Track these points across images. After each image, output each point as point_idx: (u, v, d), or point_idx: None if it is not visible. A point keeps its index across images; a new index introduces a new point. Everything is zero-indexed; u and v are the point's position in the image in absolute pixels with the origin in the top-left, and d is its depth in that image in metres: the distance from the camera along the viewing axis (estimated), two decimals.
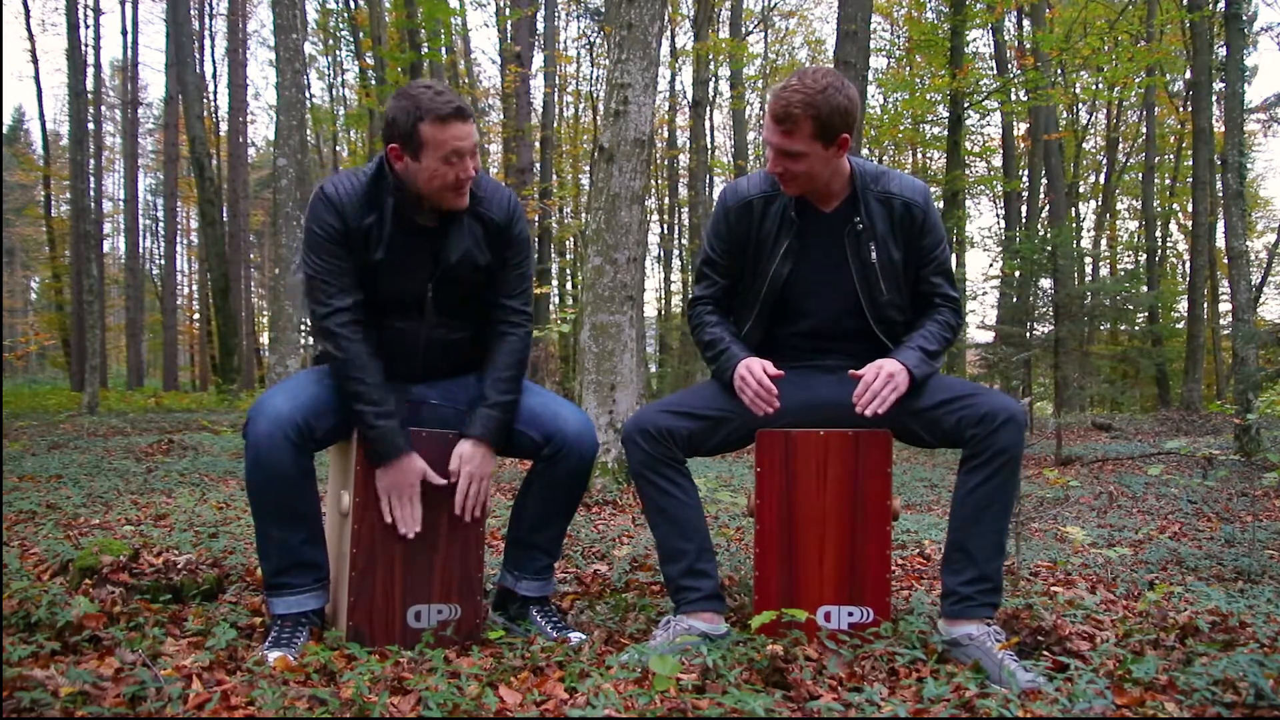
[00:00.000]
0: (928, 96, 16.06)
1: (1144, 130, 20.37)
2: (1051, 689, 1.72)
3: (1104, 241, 24.59)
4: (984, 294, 18.23)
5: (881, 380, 2.06)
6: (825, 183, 2.18)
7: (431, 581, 2.17)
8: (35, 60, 22.24)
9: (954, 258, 18.40)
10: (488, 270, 2.29)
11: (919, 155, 24.95)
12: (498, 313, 2.32)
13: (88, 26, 20.91)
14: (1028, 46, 16.45)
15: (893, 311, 2.26)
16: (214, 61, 26.53)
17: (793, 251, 2.23)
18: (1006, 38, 18.30)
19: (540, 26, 17.88)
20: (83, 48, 16.30)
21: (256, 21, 29.03)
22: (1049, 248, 8.53)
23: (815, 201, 2.23)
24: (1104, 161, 23.82)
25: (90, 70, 20.03)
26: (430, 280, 2.22)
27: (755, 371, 2.14)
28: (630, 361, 4.79)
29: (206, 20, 25.57)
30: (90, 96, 18.67)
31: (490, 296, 2.34)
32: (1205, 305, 17.04)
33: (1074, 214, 22.41)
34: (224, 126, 25.39)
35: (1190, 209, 17.93)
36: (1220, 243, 14.74)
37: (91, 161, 16.32)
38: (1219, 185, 12.97)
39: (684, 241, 25.92)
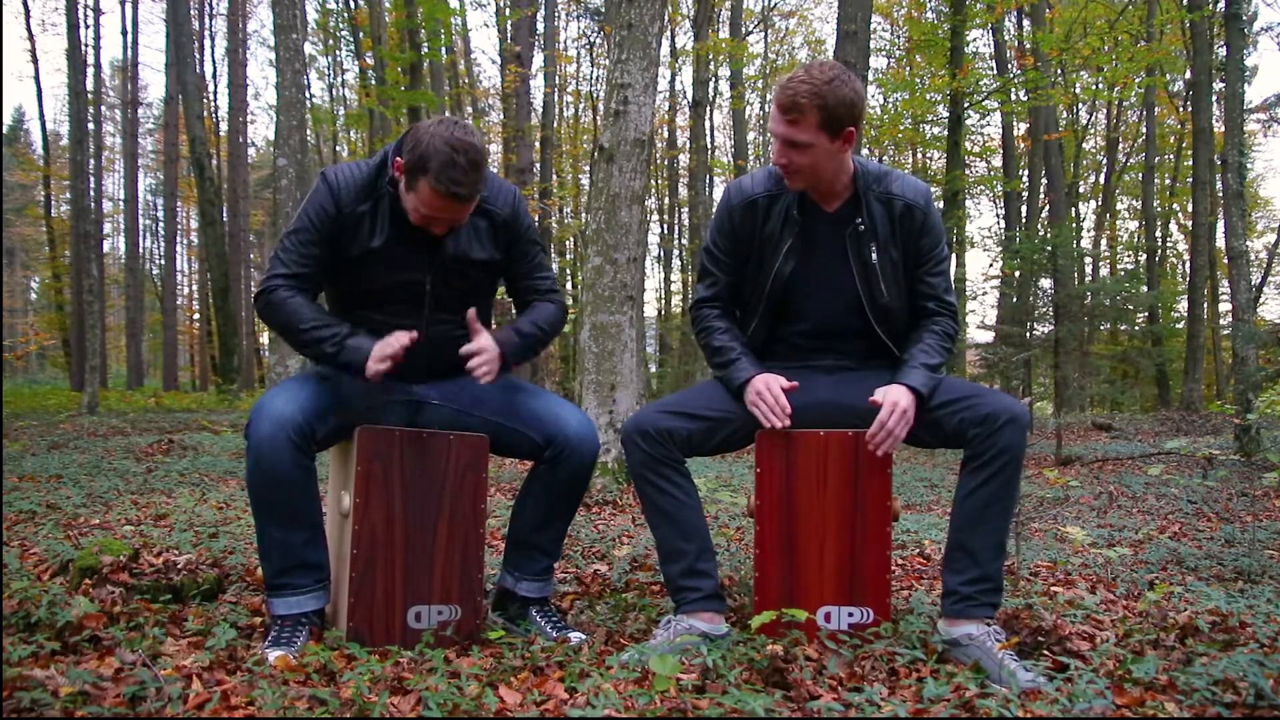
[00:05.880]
0: (928, 96, 16.03)
1: (1144, 130, 20.37)
2: (1051, 689, 1.72)
3: (1104, 241, 24.58)
4: (984, 294, 18.21)
5: (896, 418, 2.07)
6: (829, 179, 2.18)
7: (432, 582, 2.17)
8: (35, 60, 22.26)
9: (954, 258, 18.51)
10: (490, 266, 2.30)
11: (919, 155, 24.94)
12: (530, 297, 2.41)
13: (88, 26, 20.91)
14: (1028, 46, 16.44)
15: (893, 312, 2.26)
16: (214, 61, 26.57)
17: (795, 250, 2.23)
18: (1006, 38, 18.29)
19: (540, 26, 17.87)
20: (83, 48, 16.29)
21: (256, 21, 29.08)
22: (1049, 248, 8.53)
23: (818, 200, 2.23)
24: (1104, 161, 23.81)
25: (90, 70, 20.03)
26: (429, 273, 2.22)
27: (773, 389, 2.15)
28: (630, 361, 4.79)
29: (206, 20, 25.58)
30: (90, 96, 18.67)
31: (493, 291, 2.37)
32: (1205, 305, 17.04)
33: (1074, 214, 22.41)
34: (224, 126, 25.39)
35: (1190, 209, 17.94)
36: (1220, 243, 14.74)
37: (91, 161, 16.30)
38: (1219, 185, 12.98)
39: (684, 241, 25.91)
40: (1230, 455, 7.34)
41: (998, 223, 25.75)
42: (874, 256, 2.21)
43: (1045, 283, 8.80)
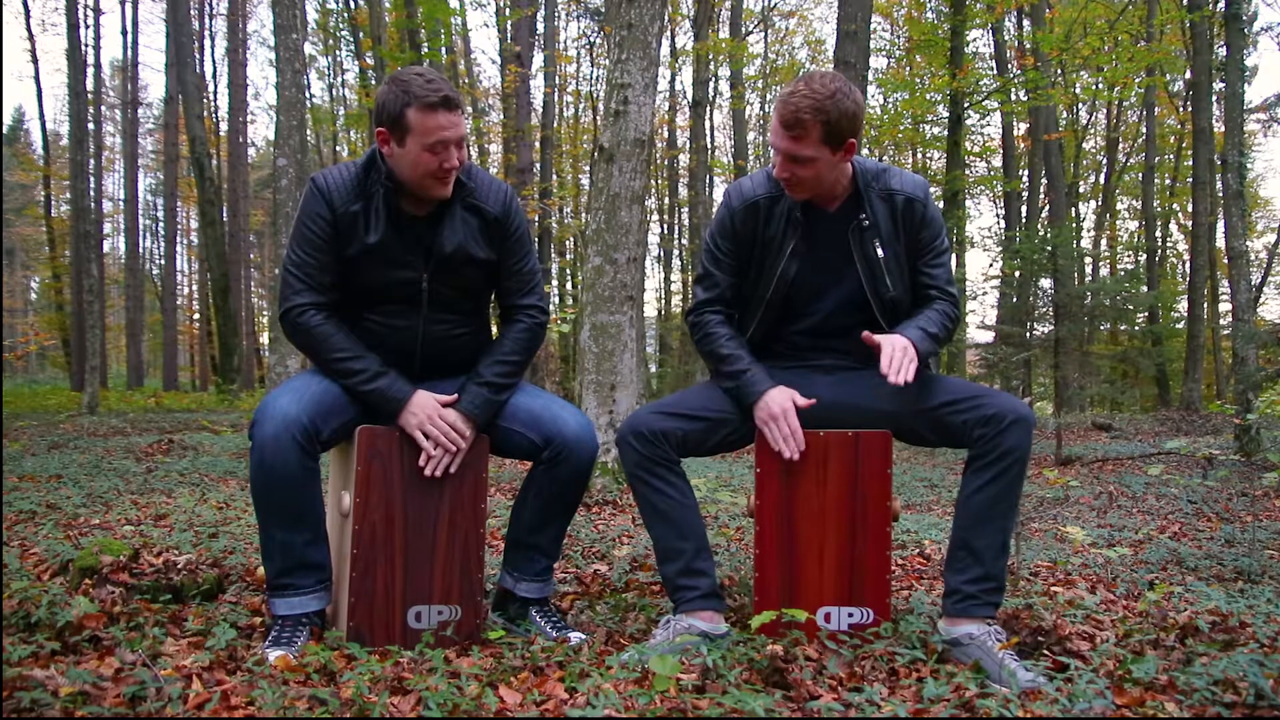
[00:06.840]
0: (928, 96, 16.03)
1: (1144, 130, 20.36)
2: (1051, 689, 1.72)
3: (1104, 241, 24.58)
4: (984, 294, 18.17)
5: (900, 352, 2.03)
6: (830, 187, 2.18)
7: (432, 582, 2.17)
8: (35, 60, 22.23)
9: (954, 258, 18.47)
10: (486, 265, 2.29)
11: (919, 155, 24.92)
12: (510, 311, 2.37)
13: (88, 26, 20.91)
14: (1028, 46, 16.44)
15: (899, 305, 2.26)
16: (214, 61, 26.55)
17: (798, 252, 2.23)
18: (1006, 38, 18.29)
19: (540, 26, 17.88)
20: (83, 48, 16.30)
21: (256, 21, 29.03)
22: (1049, 248, 8.52)
23: (819, 202, 2.23)
24: (1104, 161, 23.81)
25: (90, 70, 20.03)
26: (425, 271, 2.22)
27: (790, 419, 2.12)
28: (630, 361, 4.79)
29: (206, 20, 25.57)
30: (90, 96, 18.67)
31: (489, 290, 2.37)
32: (1205, 305, 17.03)
33: (1074, 214, 22.39)
34: (224, 126, 25.39)
35: (1190, 209, 17.93)
36: (1220, 243, 14.74)
37: (91, 161, 16.31)
38: (1219, 185, 12.97)
39: (684, 241, 25.92)
40: (1230, 455, 7.34)
41: (998, 223, 25.75)
42: (878, 252, 2.21)
43: (1045, 283, 8.78)
